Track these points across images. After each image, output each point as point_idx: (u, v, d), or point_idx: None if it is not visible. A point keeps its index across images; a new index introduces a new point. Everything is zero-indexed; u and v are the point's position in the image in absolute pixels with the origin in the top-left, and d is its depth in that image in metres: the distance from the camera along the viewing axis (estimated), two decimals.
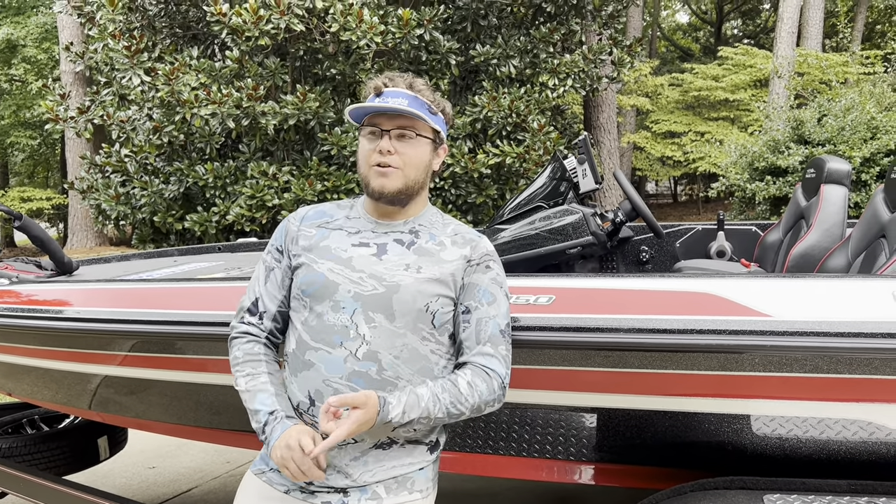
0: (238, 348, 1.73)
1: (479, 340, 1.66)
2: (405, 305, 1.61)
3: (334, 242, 1.70)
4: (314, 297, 1.65)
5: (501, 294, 1.71)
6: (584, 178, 3.31)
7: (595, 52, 10.66)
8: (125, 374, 2.55)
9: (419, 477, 1.68)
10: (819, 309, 1.79)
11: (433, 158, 1.73)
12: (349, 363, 1.60)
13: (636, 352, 1.86)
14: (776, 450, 1.99)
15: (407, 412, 1.54)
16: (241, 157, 9.76)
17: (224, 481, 4.04)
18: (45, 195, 17.07)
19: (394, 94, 1.66)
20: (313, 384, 1.62)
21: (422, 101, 1.67)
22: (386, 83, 1.69)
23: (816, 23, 16.13)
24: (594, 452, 2.17)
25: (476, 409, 1.63)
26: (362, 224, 1.73)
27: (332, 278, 1.64)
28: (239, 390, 1.69)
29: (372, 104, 1.66)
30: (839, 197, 3.13)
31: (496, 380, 1.64)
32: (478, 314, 1.67)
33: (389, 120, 1.66)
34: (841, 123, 8.44)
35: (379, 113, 1.67)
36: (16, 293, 2.72)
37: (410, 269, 1.65)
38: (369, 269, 1.64)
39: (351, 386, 1.59)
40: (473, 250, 1.71)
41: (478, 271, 1.70)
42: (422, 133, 1.68)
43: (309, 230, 1.74)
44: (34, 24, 16.96)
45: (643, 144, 16.92)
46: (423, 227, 1.73)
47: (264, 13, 8.54)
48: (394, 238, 1.70)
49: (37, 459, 3.33)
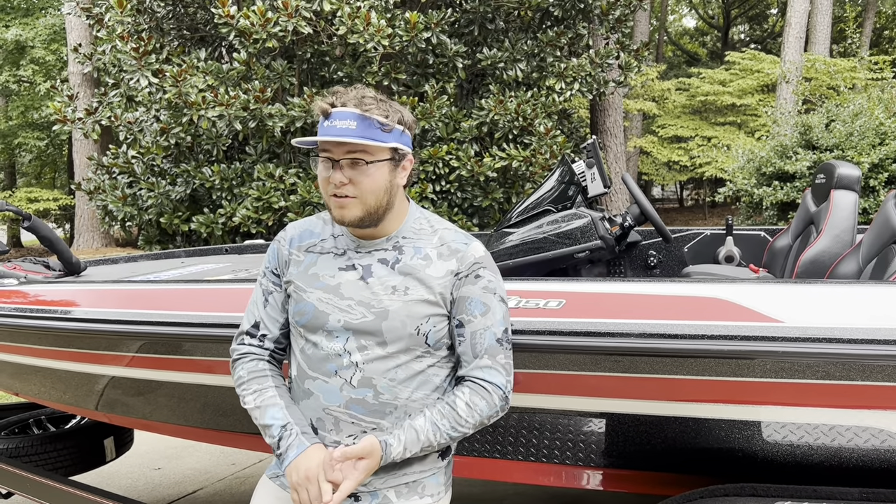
0: (242, 367, 1.72)
1: (476, 354, 1.62)
2: (395, 332, 1.58)
3: (322, 269, 1.65)
4: (307, 327, 1.64)
5: (495, 301, 1.64)
6: (593, 181, 3.30)
7: (602, 56, 10.65)
8: (133, 375, 2.55)
9: (430, 482, 1.67)
10: (831, 315, 1.78)
11: (394, 178, 1.60)
12: (345, 391, 1.59)
13: (647, 357, 1.85)
14: (787, 457, 1.97)
15: (408, 448, 1.56)
16: (248, 159, 9.78)
17: (230, 483, 4.03)
18: (52, 196, 17.10)
19: (341, 116, 1.53)
20: (314, 413, 1.63)
21: (370, 120, 1.53)
22: (334, 103, 1.55)
23: (824, 28, 16.09)
24: (603, 457, 2.15)
25: (479, 425, 1.63)
26: (346, 243, 1.67)
27: (321, 308, 1.62)
28: (248, 409, 1.68)
29: (322, 129, 1.55)
30: (849, 202, 3.10)
31: (496, 393, 1.61)
32: (471, 327, 1.62)
33: (339, 147, 1.54)
34: (849, 129, 8.40)
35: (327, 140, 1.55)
36: (24, 293, 2.72)
37: (398, 291, 1.60)
38: (357, 295, 1.60)
39: (350, 413, 1.59)
40: (461, 262, 1.63)
41: (467, 283, 1.63)
42: (375, 158, 1.56)
43: (298, 255, 1.70)
44: (42, 25, 17.02)
45: (650, 149, 16.90)
46: (406, 239, 1.66)
47: (272, 16, 8.56)
48: (378, 258, 1.64)
49: (43, 460, 3.33)
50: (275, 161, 9.83)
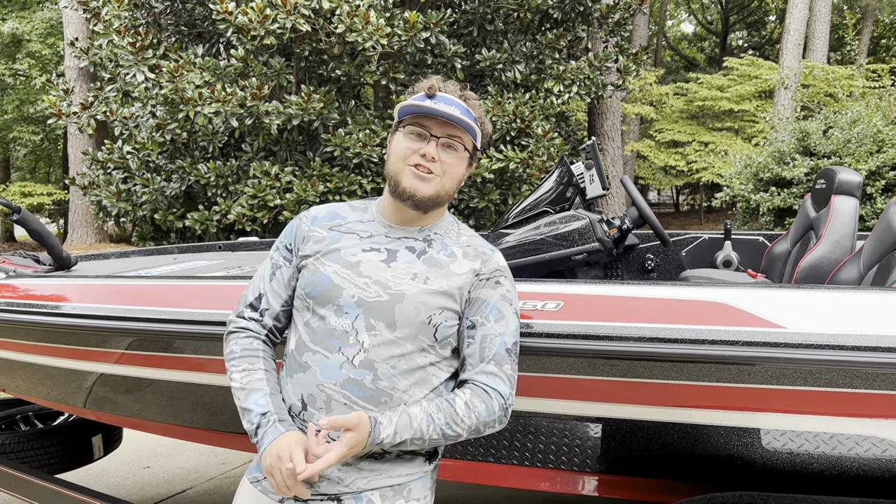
0: (235, 342, 1.68)
1: (483, 358, 1.59)
2: (407, 316, 1.57)
3: (344, 246, 1.65)
4: (317, 299, 1.61)
5: (510, 312, 1.65)
6: (592, 183, 3.28)
7: (601, 60, 10.65)
8: (121, 372, 2.51)
9: (416, 485, 1.63)
10: (834, 321, 1.75)
11: (466, 173, 1.69)
12: (345, 369, 1.55)
13: (645, 361, 1.82)
14: (786, 465, 1.95)
15: (398, 433, 1.50)
16: (244, 157, 9.74)
17: (219, 482, 3.99)
18: (47, 190, 17.01)
19: (447, 101, 1.61)
20: (307, 388, 1.58)
21: (470, 114, 1.63)
22: (440, 86, 1.63)
23: (823, 35, 16.13)
24: (599, 463, 2.12)
25: (474, 430, 1.58)
26: (375, 228, 1.68)
27: (336, 282, 1.59)
28: (233, 386, 1.63)
29: (427, 105, 1.59)
30: (850, 208, 3.08)
31: (497, 400, 1.58)
32: (483, 331, 1.61)
33: (440, 126, 1.60)
34: (847, 136, 8.41)
35: (429, 116, 1.60)
36: (13, 287, 2.68)
37: (417, 278, 1.60)
38: (376, 275, 1.60)
39: (344, 393, 1.55)
40: (484, 264, 1.66)
41: (487, 286, 1.64)
42: (467, 146, 1.64)
43: (320, 231, 1.69)
44: (39, 19, 16.94)
45: (647, 153, 16.93)
46: (437, 235, 1.69)
47: (270, 12, 8.53)
48: (406, 245, 1.65)
49: (29, 457, 3.28)
50: (271, 159, 9.79)
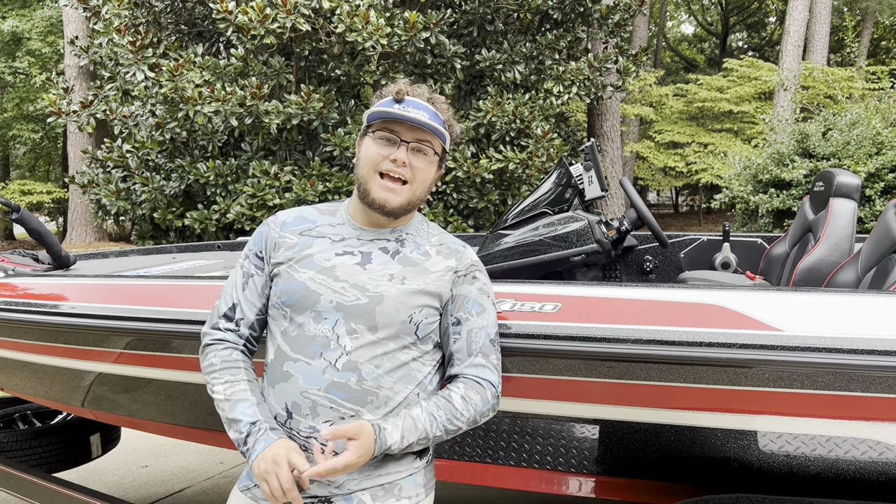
0: (214, 355, 1.66)
1: (471, 352, 1.65)
2: (388, 317, 1.57)
3: (317, 251, 1.64)
4: (294, 307, 1.60)
5: (489, 303, 1.71)
6: (590, 184, 3.27)
7: (600, 61, 10.65)
8: (120, 371, 2.51)
9: (408, 483, 1.62)
10: (831, 324, 1.75)
11: (435, 176, 1.71)
12: (328, 374, 1.55)
13: (643, 363, 1.82)
14: (783, 468, 1.95)
15: (405, 436, 1.52)
16: (244, 156, 9.73)
17: (217, 482, 3.99)
18: (46, 189, 16.99)
19: (415, 105, 1.62)
20: (290, 396, 1.57)
21: (439, 118, 1.65)
22: (408, 90, 1.63)
23: (822, 37, 16.14)
24: (596, 465, 2.12)
25: (472, 421, 1.62)
26: (346, 231, 1.68)
27: (313, 288, 1.58)
28: (216, 399, 1.61)
29: (395, 110, 1.59)
30: (848, 211, 3.08)
31: (489, 389, 1.64)
32: (468, 325, 1.66)
33: (410, 131, 1.61)
34: (846, 138, 8.42)
35: (398, 121, 1.60)
36: (11, 286, 2.67)
37: (395, 279, 1.60)
38: (352, 278, 1.59)
39: (329, 397, 1.54)
40: (459, 261, 1.69)
41: (465, 282, 1.68)
42: (436, 150, 1.66)
43: (290, 237, 1.68)
44: (39, 17, 16.93)
45: (646, 154, 16.93)
46: (409, 235, 1.70)
47: (270, 12, 8.53)
48: (379, 246, 1.66)
49: (27, 455, 3.28)
50: (270, 158, 9.79)
